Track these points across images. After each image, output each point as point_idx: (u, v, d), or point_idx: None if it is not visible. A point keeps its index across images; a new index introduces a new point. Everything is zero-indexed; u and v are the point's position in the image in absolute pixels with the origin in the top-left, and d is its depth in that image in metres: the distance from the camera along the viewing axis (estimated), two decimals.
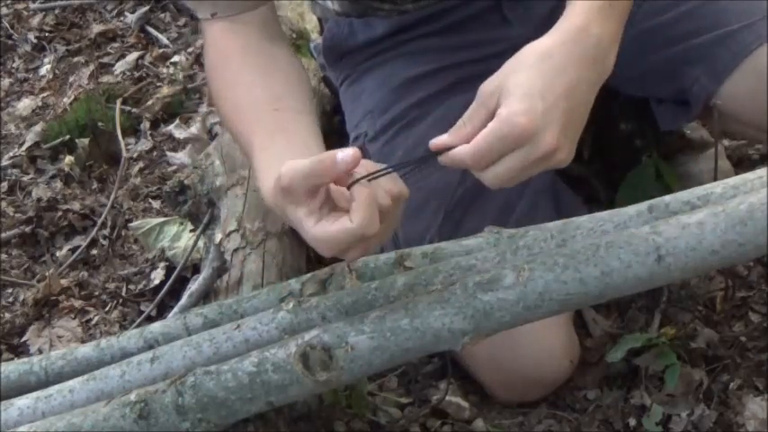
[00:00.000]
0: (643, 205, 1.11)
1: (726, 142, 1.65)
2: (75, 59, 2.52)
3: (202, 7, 1.29)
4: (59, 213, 1.97)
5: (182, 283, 1.67)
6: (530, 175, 1.02)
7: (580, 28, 1.05)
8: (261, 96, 1.21)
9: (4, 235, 1.94)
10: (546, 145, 0.99)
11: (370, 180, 1.00)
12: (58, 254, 1.91)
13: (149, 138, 2.17)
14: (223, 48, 1.27)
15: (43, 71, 2.52)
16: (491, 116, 1.00)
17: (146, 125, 2.20)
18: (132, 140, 2.18)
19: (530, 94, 1.00)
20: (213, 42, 1.29)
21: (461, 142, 1.01)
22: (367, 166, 1.01)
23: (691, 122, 1.54)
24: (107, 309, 1.75)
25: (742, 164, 1.64)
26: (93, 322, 1.72)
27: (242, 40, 1.26)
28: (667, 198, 1.10)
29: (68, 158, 2.11)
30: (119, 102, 2.24)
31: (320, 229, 0.99)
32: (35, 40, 2.63)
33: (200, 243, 1.66)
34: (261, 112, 1.20)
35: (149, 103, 2.25)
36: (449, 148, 1.02)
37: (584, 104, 1.04)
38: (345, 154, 0.96)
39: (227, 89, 1.25)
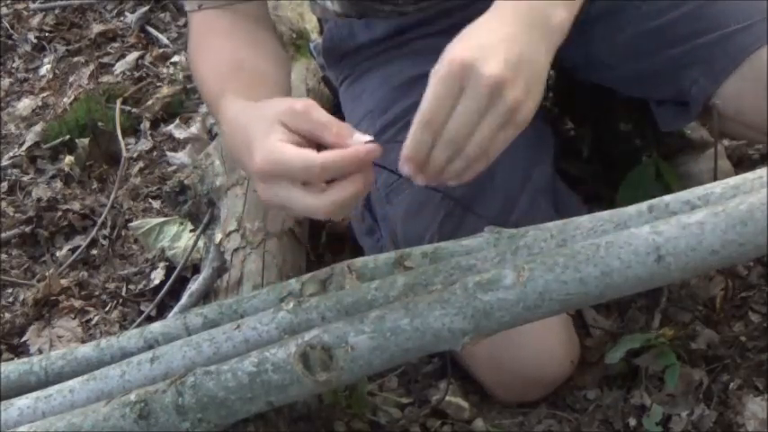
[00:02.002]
0: (643, 205, 1.11)
1: (726, 142, 1.65)
2: (75, 59, 2.52)
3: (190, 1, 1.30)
4: (59, 213, 1.97)
5: (182, 283, 1.67)
6: (494, 128, 0.99)
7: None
8: (246, 61, 1.22)
9: (4, 235, 1.94)
10: (489, 74, 0.96)
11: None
12: (58, 254, 1.91)
13: (149, 138, 2.17)
14: (208, 29, 1.28)
15: (43, 71, 2.52)
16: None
17: (146, 125, 2.20)
18: (132, 140, 2.18)
19: (463, 38, 1.00)
20: (198, 26, 1.30)
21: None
22: None
23: (690, 123, 1.54)
24: (107, 309, 1.75)
25: (742, 164, 1.64)
26: (93, 322, 1.72)
27: (228, 23, 1.27)
28: (667, 198, 1.10)
29: (68, 158, 2.11)
30: (119, 102, 2.24)
31: (280, 144, 0.99)
32: (35, 40, 2.63)
33: (201, 243, 1.66)
34: (243, 72, 1.20)
35: (149, 103, 2.25)
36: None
37: (531, 56, 1.02)
38: (364, 138, 0.97)
39: (210, 54, 1.25)
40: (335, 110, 1.83)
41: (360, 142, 0.96)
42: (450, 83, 0.98)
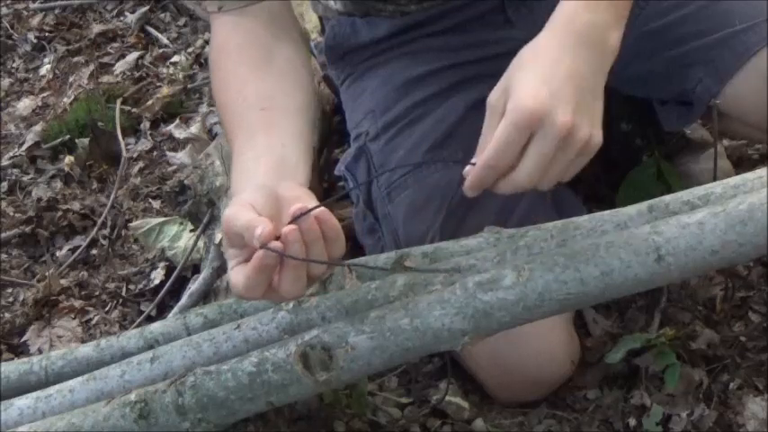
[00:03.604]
0: (643, 205, 1.11)
1: (726, 142, 1.65)
2: (75, 59, 2.52)
3: (211, 1, 1.29)
4: (59, 213, 1.97)
5: (182, 283, 1.67)
6: (565, 165, 1.02)
7: (568, 18, 1.07)
8: (250, 95, 1.21)
9: (4, 235, 1.94)
10: (562, 123, 0.99)
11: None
12: (58, 254, 1.91)
13: (149, 138, 2.17)
14: (223, 44, 1.27)
15: (43, 71, 2.52)
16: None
17: (146, 125, 2.20)
18: (132, 140, 2.18)
19: (532, 82, 1.01)
20: (217, 37, 1.29)
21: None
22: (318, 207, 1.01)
23: (693, 123, 1.54)
24: (107, 309, 1.75)
25: (742, 164, 1.64)
26: (93, 322, 1.72)
27: (243, 37, 1.26)
28: (667, 198, 1.11)
29: (68, 158, 2.11)
30: (119, 102, 2.23)
31: (232, 273, 1.04)
32: (35, 40, 2.62)
33: (200, 243, 1.66)
34: (246, 113, 1.20)
35: (149, 103, 2.25)
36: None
37: (593, 86, 1.05)
38: (260, 233, 0.97)
39: (221, 88, 1.26)
40: (336, 109, 1.83)
41: (256, 238, 0.98)
42: (521, 130, 1.00)
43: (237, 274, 1.02)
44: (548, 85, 1.01)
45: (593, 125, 1.03)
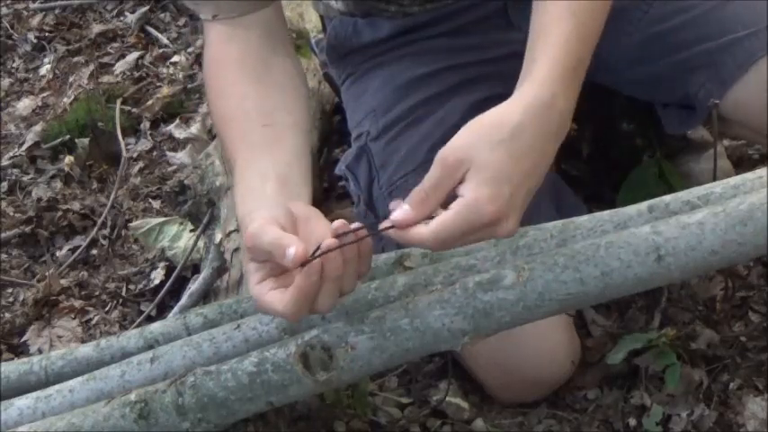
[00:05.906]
0: (643, 205, 1.11)
1: (726, 142, 1.65)
2: (75, 59, 2.52)
3: (205, 8, 1.27)
4: (59, 213, 1.97)
5: (182, 283, 1.67)
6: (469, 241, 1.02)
7: (548, 103, 1.03)
8: (251, 110, 1.20)
9: (4, 235, 1.94)
10: (508, 230, 0.99)
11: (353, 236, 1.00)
12: (58, 254, 1.91)
13: (149, 138, 2.17)
14: (220, 54, 1.26)
15: (43, 71, 2.52)
16: (454, 188, 0.99)
17: (146, 125, 2.20)
18: (132, 140, 2.18)
19: (497, 177, 0.98)
20: (212, 46, 1.27)
21: (425, 216, 0.99)
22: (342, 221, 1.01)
23: (696, 127, 1.54)
24: (107, 309, 1.75)
25: (742, 164, 1.64)
26: (93, 322, 1.72)
27: (240, 48, 1.24)
28: (667, 198, 1.10)
29: (68, 158, 2.11)
30: (119, 102, 2.24)
31: (257, 290, 1.03)
32: (35, 40, 2.63)
33: (200, 243, 1.66)
34: (248, 127, 1.19)
35: (149, 103, 2.26)
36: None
37: (542, 176, 1.03)
38: (292, 253, 0.97)
39: (220, 98, 1.24)
40: (336, 109, 1.83)
41: (289, 259, 0.97)
42: (471, 228, 0.97)
43: (275, 299, 1.01)
44: (510, 184, 0.98)
45: (518, 220, 1.01)
